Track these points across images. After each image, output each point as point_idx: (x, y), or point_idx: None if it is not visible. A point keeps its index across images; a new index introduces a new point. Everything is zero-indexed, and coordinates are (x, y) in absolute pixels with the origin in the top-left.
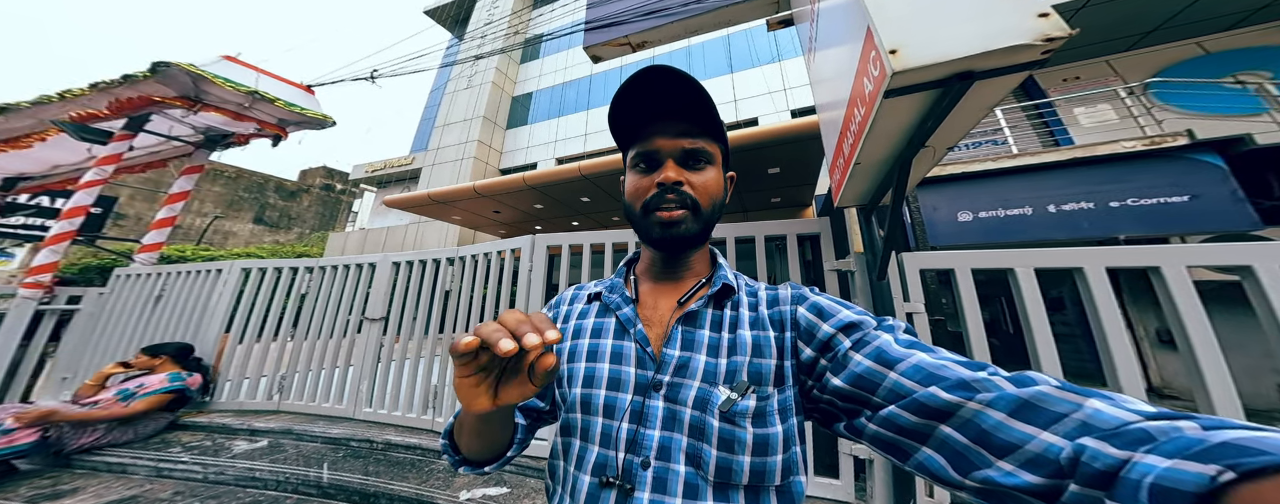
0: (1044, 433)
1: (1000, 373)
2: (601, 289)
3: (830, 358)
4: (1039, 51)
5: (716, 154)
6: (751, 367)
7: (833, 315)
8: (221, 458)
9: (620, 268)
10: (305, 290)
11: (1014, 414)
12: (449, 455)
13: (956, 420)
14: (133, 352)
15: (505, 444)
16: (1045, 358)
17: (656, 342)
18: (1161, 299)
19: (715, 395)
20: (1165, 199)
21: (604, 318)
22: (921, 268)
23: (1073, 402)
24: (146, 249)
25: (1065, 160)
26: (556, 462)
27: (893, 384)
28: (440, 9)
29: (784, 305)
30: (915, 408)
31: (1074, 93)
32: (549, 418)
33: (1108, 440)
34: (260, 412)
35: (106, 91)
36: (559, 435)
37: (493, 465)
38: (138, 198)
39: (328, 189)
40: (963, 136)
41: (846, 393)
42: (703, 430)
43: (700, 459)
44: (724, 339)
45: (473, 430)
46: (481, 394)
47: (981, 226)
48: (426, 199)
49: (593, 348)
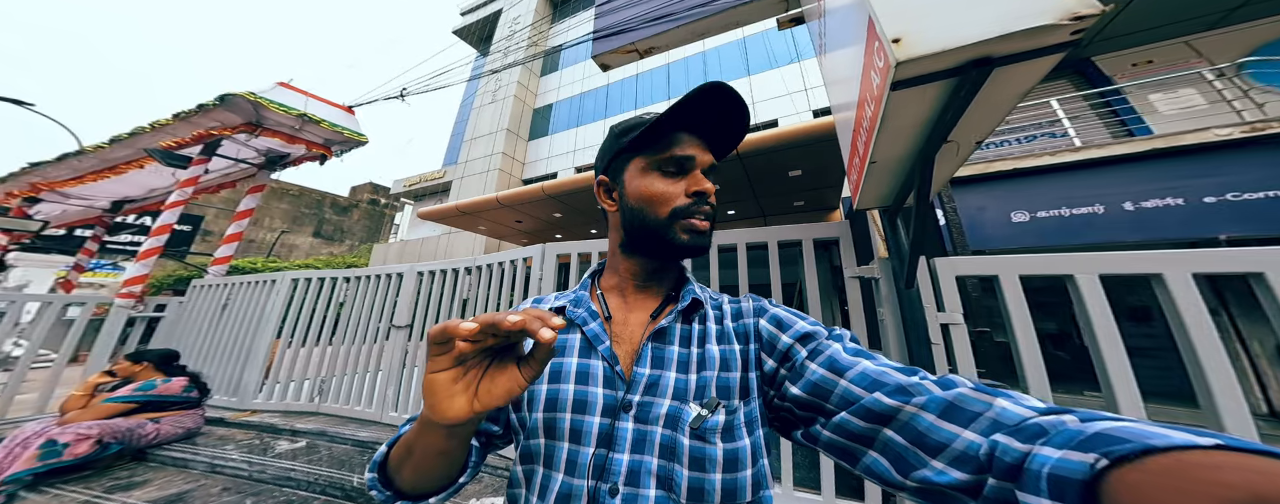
0: (965, 431)
1: (928, 377)
2: (565, 302)
3: (789, 367)
4: (1067, 32)
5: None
6: (720, 381)
7: (790, 326)
8: (266, 456)
9: (584, 280)
10: (344, 299)
11: (942, 415)
12: (379, 493)
13: (897, 423)
14: (202, 354)
15: (461, 467)
16: (1116, 375)
17: (626, 359)
18: (1269, 311)
19: (686, 412)
20: (1274, 193)
21: (568, 334)
22: (958, 274)
23: (985, 401)
24: (218, 262)
25: (1144, 152)
26: (517, 491)
27: (843, 391)
28: (466, 28)
29: (747, 318)
30: (863, 413)
31: (1148, 78)
32: (500, 442)
33: (1013, 435)
34: (303, 413)
35: (187, 120)
36: (519, 464)
37: (439, 497)
38: (222, 216)
39: (373, 203)
40: (994, 130)
41: (804, 401)
42: (674, 450)
43: (671, 481)
44: (693, 354)
45: (429, 450)
46: (459, 394)
47: (1039, 228)
48: (455, 211)
49: (555, 367)
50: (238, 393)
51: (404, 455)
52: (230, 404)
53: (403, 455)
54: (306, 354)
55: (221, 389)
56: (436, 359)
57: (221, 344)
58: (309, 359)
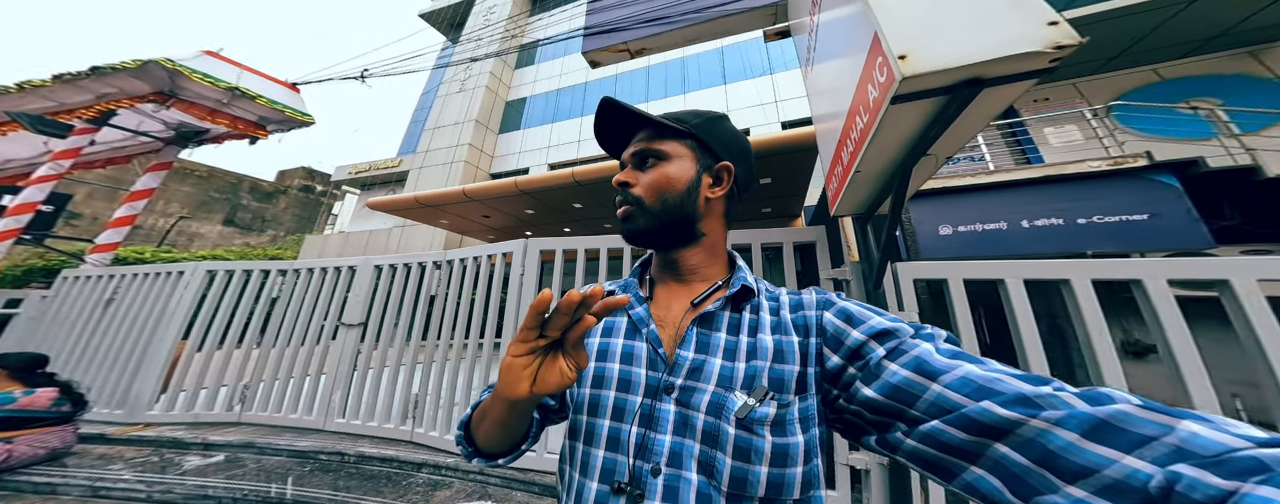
0: (1127, 457)
1: (1067, 388)
2: (614, 287)
3: (860, 366)
4: (1047, 59)
5: (675, 151)
6: (772, 372)
7: (863, 322)
8: (169, 475)
9: (635, 267)
10: (277, 294)
11: (1088, 435)
12: (464, 448)
13: (1015, 439)
14: (74, 358)
15: (523, 435)
16: (1036, 366)
17: (669, 343)
18: (1144, 311)
19: (731, 401)
20: (1128, 217)
21: (616, 316)
22: (915, 277)
23: (1162, 423)
24: (100, 249)
25: (1037, 178)
26: (564, 466)
27: (936, 397)
28: (435, 13)
29: (809, 310)
30: (964, 424)
31: (1044, 113)
32: (556, 417)
33: (1208, 469)
34: (218, 424)
35: (73, 83)
36: (567, 438)
37: (507, 457)
38: (97, 196)
39: (307, 191)
40: (963, 146)
41: (878, 405)
42: (717, 437)
43: (713, 468)
44: (742, 343)
45: (498, 420)
46: (526, 379)
47: (962, 240)
48: (413, 202)
49: (603, 347)
50: (126, 404)
51: (480, 419)
52: (114, 418)
53: (480, 419)
54: (224, 357)
55: (103, 401)
56: (517, 346)
57: (104, 347)
58: (227, 363)
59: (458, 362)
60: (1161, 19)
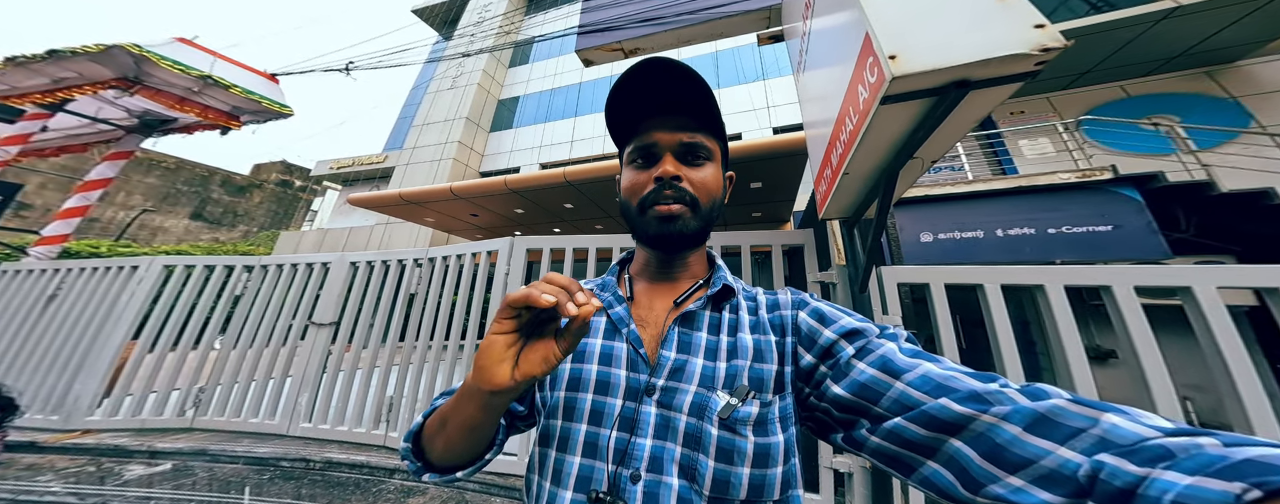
0: (1060, 449)
1: (1011, 385)
2: (593, 286)
3: (831, 365)
4: (1033, 62)
5: (716, 151)
6: (752, 371)
7: (835, 321)
8: (108, 486)
9: (613, 266)
10: (241, 292)
11: (1029, 428)
12: (412, 463)
13: (968, 434)
14: (7, 359)
15: (490, 443)
16: (1011, 369)
17: (651, 343)
18: (1112, 316)
19: (713, 401)
20: (1093, 228)
21: (594, 317)
22: (899, 282)
23: (1089, 416)
24: (46, 242)
25: (1011, 188)
26: (532, 476)
27: (898, 395)
28: (429, 9)
29: (785, 310)
30: (924, 421)
31: (1019, 126)
32: (523, 425)
33: (1126, 457)
34: (167, 430)
35: (26, 67)
36: (537, 445)
37: (467, 471)
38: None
39: (284, 185)
40: (948, 149)
41: (846, 402)
42: (699, 439)
43: (695, 472)
44: (723, 342)
45: (465, 423)
46: (506, 362)
47: (941, 247)
48: (397, 199)
49: (580, 348)
50: (62, 409)
51: (438, 427)
52: (49, 424)
53: (437, 427)
54: (178, 359)
55: (38, 406)
56: (504, 322)
57: (42, 347)
58: (182, 365)
59: (437, 363)
60: (1132, 36)
